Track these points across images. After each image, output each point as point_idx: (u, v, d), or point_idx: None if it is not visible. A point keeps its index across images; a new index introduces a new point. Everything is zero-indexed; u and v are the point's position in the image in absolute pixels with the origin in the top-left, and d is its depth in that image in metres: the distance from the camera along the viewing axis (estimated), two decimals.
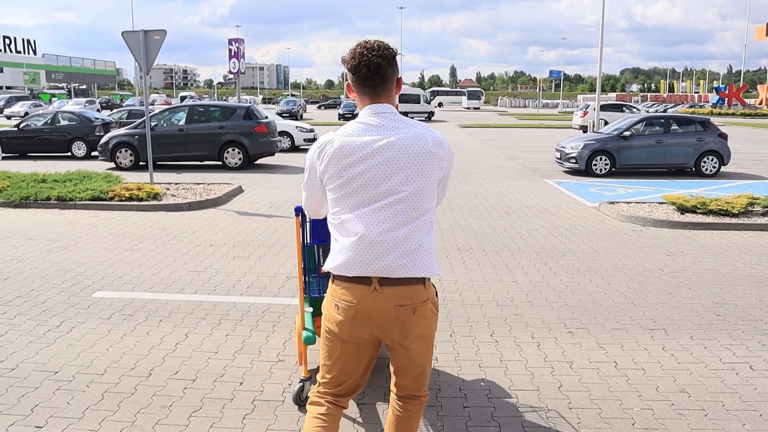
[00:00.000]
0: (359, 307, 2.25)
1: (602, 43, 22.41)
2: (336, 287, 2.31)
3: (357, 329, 2.29)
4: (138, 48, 10.63)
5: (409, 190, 2.24)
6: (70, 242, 7.54)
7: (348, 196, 2.26)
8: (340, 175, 2.26)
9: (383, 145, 2.23)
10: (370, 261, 2.23)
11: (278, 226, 8.62)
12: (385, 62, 2.27)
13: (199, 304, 5.31)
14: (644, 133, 14.96)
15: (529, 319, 4.99)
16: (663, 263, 6.75)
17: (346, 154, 2.24)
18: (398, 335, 2.28)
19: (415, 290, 2.26)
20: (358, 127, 2.29)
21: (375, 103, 2.31)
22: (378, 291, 2.24)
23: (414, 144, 2.24)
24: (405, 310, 2.25)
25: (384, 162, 2.23)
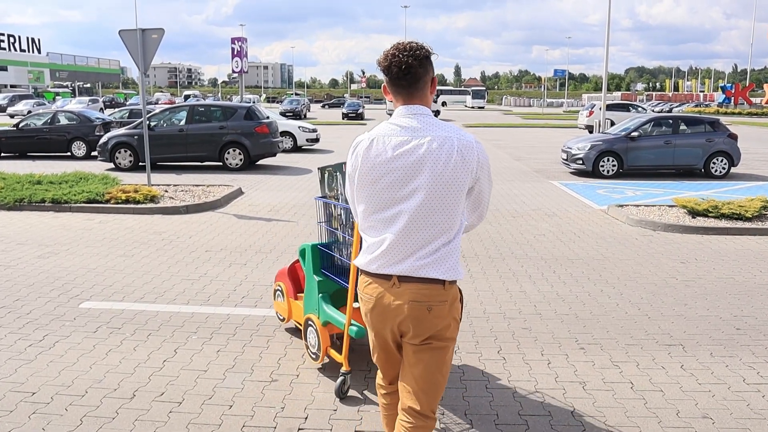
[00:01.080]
0: (378, 301, 2.32)
1: (608, 43, 22.08)
2: (362, 281, 2.40)
3: (377, 322, 2.36)
4: (135, 47, 10.39)
5: (431, 193, 2.25)
6: (62, 247, 7.30)
7: (374, 195, 2.31)
8: (368, 174, 2.30)
9: (411, 148, 2.26)
10: (391, 262, 2.28)
11: (277, 230, 8.37)
12: (417, 62, 2.27)
13: (191, 316, 5.06)
14: (652, 133, 14.65)
15: (538, 333, 4.72)
16: (676, 271, 6.47)
17: (376, 155, 2.29)
18: (412, 331, 2.30)
19: (432, 289, 2.27)
20: (389, 128, 2.33)
21: (408, 104, 2.33)
22: (396, 286, 2.28)
23: (440, 147, 2.25)
24: (420, 306, 2.26)
25: (410, 164, 2.26)
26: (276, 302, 4.79)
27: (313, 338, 4.04)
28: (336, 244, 3.96)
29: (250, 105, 15.66)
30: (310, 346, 4.12)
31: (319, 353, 3.98)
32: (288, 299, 4.51)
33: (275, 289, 4.79)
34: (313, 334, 4.04)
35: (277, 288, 4.74)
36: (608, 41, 22.00)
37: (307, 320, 4.11)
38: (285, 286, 4.59)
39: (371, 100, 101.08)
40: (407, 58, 2.27)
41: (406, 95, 2.33)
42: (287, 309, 4.54)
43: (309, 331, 4.09)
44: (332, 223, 3.95)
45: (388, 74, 2.32)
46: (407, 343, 2.36)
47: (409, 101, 2.34)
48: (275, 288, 4.78)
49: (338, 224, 3.89)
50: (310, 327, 4.06)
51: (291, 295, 4.49)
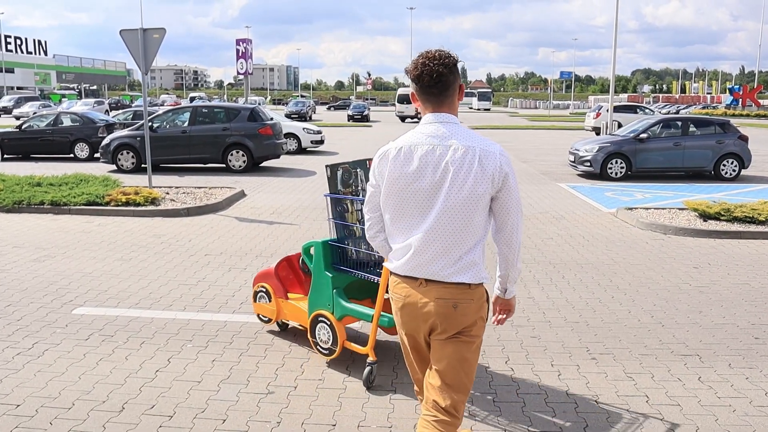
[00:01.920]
0: (407, 300, 2.41)
1: (615, 45, 21.85)
2: (392, 281, 2.49)
3: (407, 320, 2.44)
4: (136, 47, 10.24)
5: (453, 202, 2.30)
6: (59, 251, 7.15)
7: (400, 203, 2.38)
8: (395, 183, 2.37)
9: (437, 156, 2.31)
10: (417, 267, 2.37)
11: (279, 233, 8.20)
12: (447, 70, 2.33)
13: (186, 323, 4.89)
14: (661, 135, 14.41)
15: (547, 342, 4.52)
16: (690, 276, 6.26)
17: (403, 164, 2.36)
18: (440, 327, 2.36)
19: (458, 289, 2.34)
20: (415, 136, 2.38)
21: (437, 111, 2.38)
22: (423, 286, 2.37)
23: (463, 156, 2.29)
24: (446, 303, 2.33)
25: (434, 173, 2.31)
26: (257, 304, 4.68)
27: (325, 334, 4.06)
28: (352, 239, 4.00)
29: (254, 106, 15.51)
30: (320, 342, 4.11)
31: (335, 347, 3.99)
32: (276, 299, 4.49)
33: (256, 291, 4.68)
34: (324, 330, 4.06)
35: (260, 290, 4.64)
36: (615, 43, 21.77)
37: (316, 317, 4.09)
38: (271, 286, 4.54)
39: (377, 102, 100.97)
40: (438, 67, 2.32)
41: (436, 103, 2.39)
42: (274, 310, 4.50)
43: (319, 328, 4.09)
44: (347, 218, 4.00)
45: (419, 83, 2.36)
46: (434, 340, 2.43)
47: (438, 109, 2.39)
48: (256, 290, 4.67)
49: (356, 219, 3.97)
50: (321, 323, 4.06)
51: (280, 294, 4.49)
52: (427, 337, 2.45)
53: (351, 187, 4.00)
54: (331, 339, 4.02)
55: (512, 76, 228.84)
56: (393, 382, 3.87)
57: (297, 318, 4.43)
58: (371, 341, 3.86)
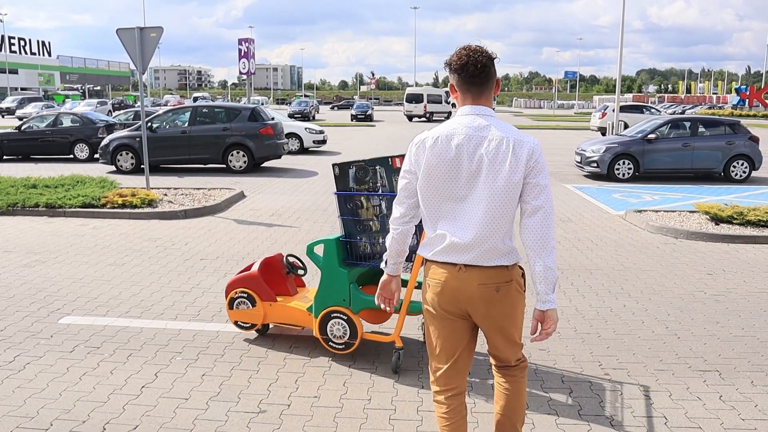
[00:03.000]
0: (446, 285, 2.44)
1: (622, 44, 21.57)
2: (427, 269, 2.53)
3: (446, 304, 2.47)
4: (133, 46, 10.04)
5: (489, 191, 2.37)
6: (51, 255, 6.93)
7: (437, 191, 2.43)
8: (432, 171, 2.42)
9: (473, 146, 2.39)
10: (455, 254, 2.42)
11: (278, 236, 7.97)
12: (489, 62, 2.43)
13: (177, 333, 4.66)
14: (669, 135, 14.13)
15: (557, 356, 4.28)
16: (704, 284, 6.00)
17: (440, 152, 2.41)
18: (484, 311, 2.43)
19: (497, 272, 2.40)
20: (452, 126, 2.45)
21: (476, 102, 2.45)
22: (463, 271, 2.41)
23: (498, 147, 2.37)
24: (488, 288, 2.39)
25: (470, 162, 2.38)
26: (236, 311, 4.51)
27: (340, 329, 4.13)
28: (366, 233, 4.12)
29: (255, 106, 15.27)
30: (333, 338, 4.17)
31: (353, 341, 4.11)
32: (263, 303, 4.42)
33: (233, 297, 4.49)
34: (340, 326, 4.13)
35: (239, 296, 4.48)
36: (622, 43, 21.49)
37: (328, 314, 4.14)
38: (255, 291, 4.44)
39: (380, 102, 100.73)
40: (482, 58, 2.41)
41: (477, 93, 2.46)
42: (260, 314, 4.43)
43: (331, 324, 4.14)
44: (361, 214, 4.10)
45: (464, 72, 2.42)
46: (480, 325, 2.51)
47: (477, 100, 2.46)
48: (233, 296, 4.49)
49: (373, 214, 4.08)
50: (336, 319, 4.13)
51: (267, 298, 4.43)
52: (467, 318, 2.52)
53: (367, 184, 4.08)
54: (348, 333, 4.11)
55: (516, 76, 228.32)
56: (393, 400, 3.63)
57: (292, 319, 4.41)
58: (398, 329, 4.02)
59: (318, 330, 4.19)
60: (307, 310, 4.34)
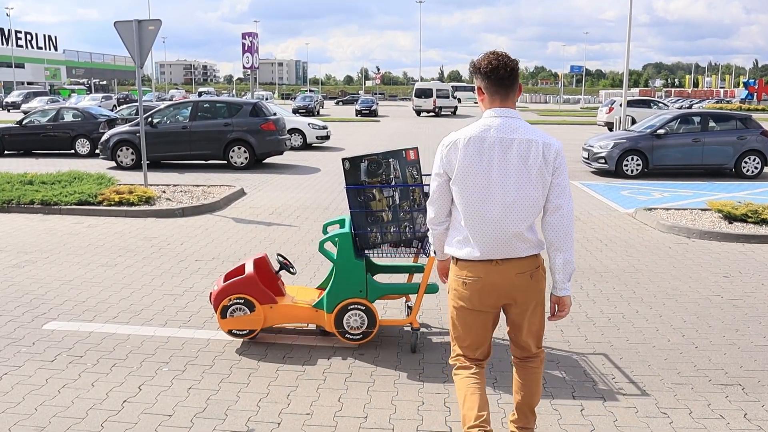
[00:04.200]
0: (486, 280, 2.61)
1: (629, 38, 21.20)
2: (461, 268, 2.68)
3: (486, 298, 2.65)
4: (131, 39, 9.78)
5: (519, 188, 2.55)
6: (42, 255, 6.72)
7: (471, 191, 2.58)
8: (466, 170, 2.57)
9: (504, 147, 2.54)
10: (489, 252, 2.60)
11: (277, 236, 7.73)
12: (516, 66, 2.62)
13: (166, 341, 4.43)
14: (679, 131, 13.81)
15: (566, 367, 4.02)
16: (720, 287, 5.73)
17: (473, 153, 2.56)
18: (520, 298, 2.65)
19: (529, 261, 2.63)
20: (482, 127, 2.59)
21: (504, 105, 2.62)
22: (499, 264, 2.60)
23: (528, 147, 2.54)
24: (524, 276, 2.62)
25: (502, 162, 2.54)
26: (231, 319, 4.29)
27: (357, 320, 4.22)
28: (378, 224, 4.22)
29: (256, 101, 15.02)
30: (350, 330, 4.23)
31: (370, 329, 4.22)
32: (263, 307, 4.27)
33: (226, 305, 4.26)
34: (357, 317, 4.21)
35: (233, 303, 4.26)
36: (629, 36, 21.12)
37: (345, 306, 4.19)
38: (253, 295, 4.27)
39: (385, 97, 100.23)
40: (511, 62, 2.60)
41: (504, 95, 2.62)
42: (260, 319, 4.28)
43: (348, 316, 4.21)
44: (373, 206, 4.20)
45: (494, 74, 2.59)
46: (516, 314, 2.72)
47: (504, 102, 2.62)
48: (226, 304, 4.26)
49: (385, 205, 4.20)
50: (353, 311, 4.20)
51: (268, 300, 4.28)
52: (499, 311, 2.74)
53: (380, 177, 4.20)
54: (366, 323, 4.21)
55: (522, 71, 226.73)
56: (391, 418, 3.39)
57: (296, 319, 4.37)
58: (415, 311, 4.23)
59: (333, 324, 4.21)
60: (314, 307, 4.28)
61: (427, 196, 3.50)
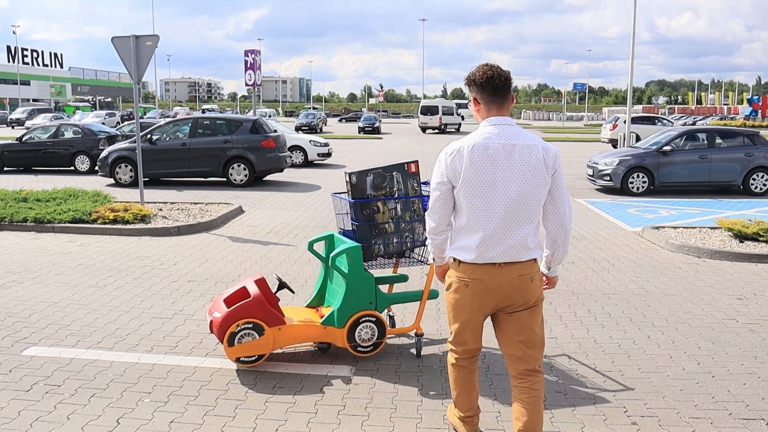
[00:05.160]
0: (489, 282, 2.72)
1: (633, 54, 21.09)
2: (464, 270, 2.78)
3: (486, 300, 2.77)
4: (128, 55, 9.66)
5: (522, 192, 2.66)
6: (30, 275, 6.50)
7: (475, 197, 2.69)
8: (470, 177, 2.67)
9: (507, 152, 2.66)
10: (493, 256, 2.71)
11: (273, 255, 7.50)
12: (510, 77, 2.76)
13: (150, 368, 4.18)
14: (685, 147, 13.61)
15: (575, 398, 3.76)
16: (735, 310, 5.47)
17: (478, 159, 2.66)
18: (521, 300, 2.75)
19: (530, 264, 2.75)
20: (484, 135, 2.71)
21: (500, 113, 2.76)
22: (501, 267, 2.72)
23: (529, 153, 2.68)
24: (525, 279, 2.73)
25: (506, 167, 2.66)
26: (239, 346, 4.05)
27: (368, 332, 4.26)
28: (382, 236, 4.30)
29: (256, 118, 14.88)
30: (362, 343, 4.25)
31: (381, 339, 4.28)
32: (272, 330, 4.09)
33: (234, 332, 4.02)
34: (368, 329, 4.25)
35: (241, 329, 4.03)
36: (633, 53, 21.01)
37: (357, 319, 4.20)
38: (262, 318, 4.07)
39: (389, 114, 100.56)
40: (504, 72, 2.76)
41: (500, 104, 2.77)
42: (269, 342, 4.10)
43: (360, 329, 4.23)
44: (377, 218, 4.27)
45: (490, 85, 2.74)
46: (509, 314, 2.82)
47: (501, 110, 2.78)
48: (234, 331, 4.02)
49: (389, 217, 4.30)
50: (364, 323, 4.23)
51: (276, 323, 4.11)
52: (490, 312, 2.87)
53: (384, 190, 4.29)
54: (376, 334, 4.27)
55: (525, 88, 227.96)
56: None
57: (305, 338, 4.27)
58: (419, 318, 4.37)
59: (346, 338, 4.20)
60: (323, 324, 4.22)
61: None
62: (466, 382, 3.04)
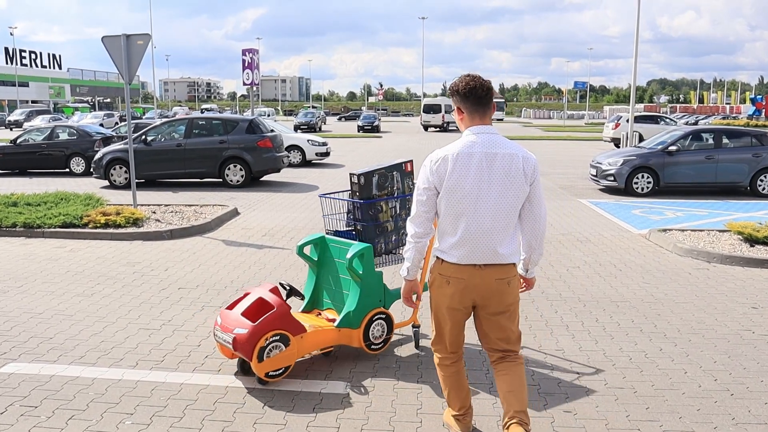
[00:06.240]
0: (469, 282, 2.91)
1: (636, 52, 20.83)
2: (446, 269, 2.96)
3: (466, 297, 2.95)
4: (119, 54, 9.41)
5: (502, 198, 2.85)
6: (15, 284, 6.26)
7: (459, 202, 2.86)
8: (455, 183, 2.84)
9: (489, 161, 2.84)
10: (475, 257, 2.90)
11: (268, 260, 7.26)
12: (491, 86, 2.96)
13: (134, 386, 3.94)
14: (691, 147, 13.34)
15: (586, 420, 3.52)
16: (750, 320, 5.22)
17: (462, 166, 2.84)
18: (496, 303, 2.95)
19: (508, 268, 2.95)
20: (469, 143, 2.88)
21: (483, 122, 2.94)
22: (482, 269, 2.91)
23: (511, 161, 2.86)
24: (503, 282, 2.93)
25: (488, 174, 2.84)
26: (267, 361, 3.83)
27: (380, 330, 4.34)
28: (384, 234, 4.42)
29: (253, 117, 14.63)
30: (374, 340, 4.32)
31: (389, 335, 4.39)
32: (296, 339, 3.94)
33: (263, 346, 3.78)
34: (380, 326, 4.33)
35: (270, 342, 3.80)
36: (636, 51, 20.75)
37: (371, 318, 4.26)
38: (286, 330, 3.89)
39: (388, 113, 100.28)
40: (486, 82, 2.92)
41: (483, 113, 2.92)
42: (294, 352, 3.95)
43: (373, 327, 4.29)
44: (381, 218, 4.37)
45: (473, 94, 2.88)
46: (487, 314, 2.99)
47: (483, 120, 2.92)
48: (263, 345, 3.78)
49: (390, 216, 4.41)
50: (377, 321, 4.31)
51: (300, 330, 3.98)
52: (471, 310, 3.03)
53: (387, 189, 4.39)
54: (385, 330, 4.37)
55: (525, 86, 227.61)
56: None
57: (324, 344, 4.21)
58: (415, 312, 4.53)
59: (362, 338, 4.23)
60: (337, 327, 4.18)
61: None
62: (454, 381, 3.13)
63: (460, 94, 2.90)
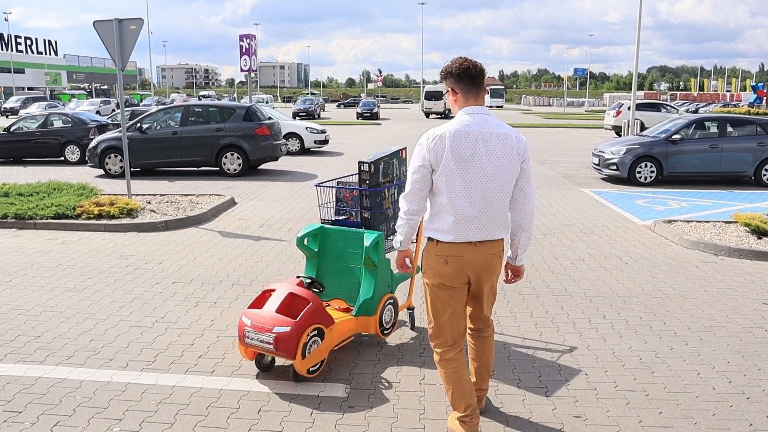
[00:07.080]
0: (466, 259, 2.97)
1: (639, 39, 20.52)
2: (442, 249, 2.99)
3: (463, 274, 3.00)
4: (111, 40, 9.16)
5: (496, 177, 2.90)
6: (4, 278, 6.07)
7: (454, 180, 2.89)
8: (451, 161, 2.87)
9: (484, 139, 2.89)
10: (471, 235, 2.95)
11: (265, 252, 7.08)
12: (483, 68, 3.00)
13: (123, 389, 3.77)
14: (695, 136, 13.13)
15: (597, 426, 3.36)
16: (762, 317, 5.06)
17: (458, 145, 2.87)
18: (487, 275, 3.05)
19: (499, 243, 3.06)
20: (466, 122, 2.92)
21: (477, 102, 2.98)
22: (476, 246, 2.97)
23: (505, 140, 2.92)
24: (495, 257, 3.05)
25: (483, 153, 2.89)
26: (309, 357, 3.74)
27: (389, 314, 4.39)
28: (386, 221, 4.49)
29: (250, 105, 14.38)
30: (386, 325, 4.38)
31: (396, 318, 4.48)
32: (328, 330, 3.88)
33: (305, 342, 3.68)
34: (389, 312, 4.39)
35: (311, 337, 3.71)
36: (639, 37, 20.44)
37: (384, 304, 4.30)
38: (322, 323, 3.82)
39: (387, 99, 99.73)
40: (478, 63, 2.99)
41: (476, 93, 2.98)
42: (327, 346, 3.90)
43: (386, 312, 4.34)
44: (384, 204, 4.44)
45: (467, 75, 2.95)
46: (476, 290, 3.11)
47: (476, 100, 2.98)
48: (305, 341, 3.68)
49: (390, 202, 4.49)
50: (388, 306, 4.36)
51: (331, 322, 3.94)
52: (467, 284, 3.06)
53: (389, 176, 4.48)
54: (393, 314, 4.44)
55: (525, 73, 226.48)
56: None
57: (347, 333, 4.18)
58: (411, 295, 4.69)
59: (378, 324, 4.27)
60: (354, 315, 4.21)
61: None
62: (456, 377, 3.08)
63: (453, 75, 2.96)
